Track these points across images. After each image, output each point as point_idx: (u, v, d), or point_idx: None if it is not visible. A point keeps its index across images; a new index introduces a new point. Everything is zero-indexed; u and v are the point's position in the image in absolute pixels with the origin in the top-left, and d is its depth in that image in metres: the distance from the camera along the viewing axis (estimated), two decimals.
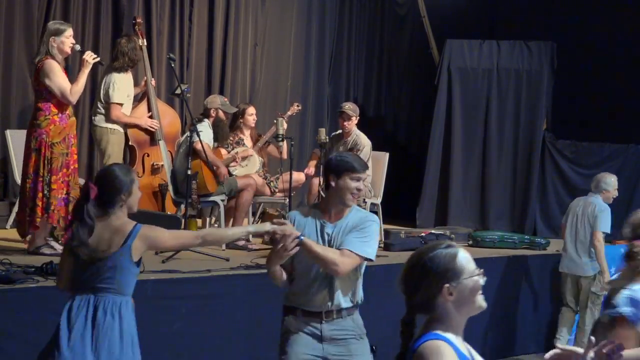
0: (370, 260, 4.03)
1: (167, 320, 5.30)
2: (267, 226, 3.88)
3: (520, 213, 9.95)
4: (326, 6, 10.70)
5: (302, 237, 3.86)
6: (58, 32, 6.05)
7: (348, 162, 4.03)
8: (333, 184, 3.98)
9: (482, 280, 2.53)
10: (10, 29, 7.74)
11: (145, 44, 7.73)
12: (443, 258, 2.50)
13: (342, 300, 4.00)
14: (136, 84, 7.71)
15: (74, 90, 5.99)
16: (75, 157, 6.15)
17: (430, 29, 11.16)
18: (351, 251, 3.94)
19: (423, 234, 8.06)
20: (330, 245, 3.98)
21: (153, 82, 7.68)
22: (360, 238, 3.98)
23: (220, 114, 7.60)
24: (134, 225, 3.82)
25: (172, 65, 7.37)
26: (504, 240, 8.63)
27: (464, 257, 2.53)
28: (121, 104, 7.19)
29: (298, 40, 10.40)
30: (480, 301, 2.53)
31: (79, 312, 3.77)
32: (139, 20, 7.75)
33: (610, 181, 7.55)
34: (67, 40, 6.08)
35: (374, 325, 6.66)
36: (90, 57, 6.19)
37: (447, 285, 2.46)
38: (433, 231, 8.43)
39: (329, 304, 3.97)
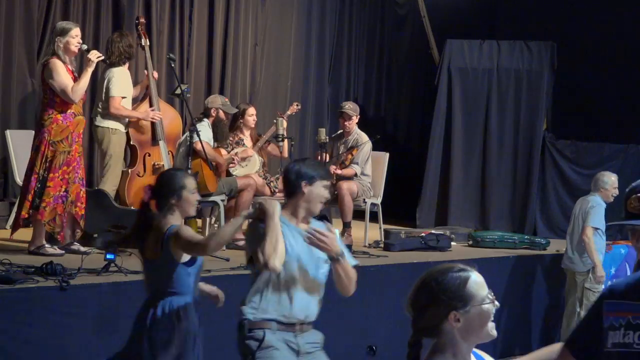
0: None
1: None
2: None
3: (520, 213, 9.95)
4: (326, 6, 10.70)
5: (343, 253, 3.80)
6: (64, 32, 6.06)
7: (320, 169, 3.99)
8: (305, 190, 3.88)
9: (493, 308, 2.41)
10: (10, 29, 7.73)
11: (148, 43, 7.69)
12: (453, 283, 2.36)
13: (314, 311, 3.94)
14: (135, 84, 7.70)
15: (75, 88, 5.97)
16: (77, 155, 6.11)
17: (430, 29, 11.16)
18: (354, 267, 3.93)
19: (423, 234, 8.05)
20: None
21: (155, 74, 7.59)
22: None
23: (221, 114, 7.58)
24: (168, 227, 3.89)
25: (172, 65, 7.34)
26: (504, 240, 8.63)
27: (476, 283, 2.39)
28: (121, 97, 7.07)
29: (298, 41, 10.40)
30: (491, 329, 2.40)
31: (144, 314, 3.91)
32: (141, 20, 7.69)
33: (608, 179, 7.56)
34: (73, 40, 6.07)
35: (373, 325, 6.68)
36: (94, 55, 6.16)
37: (454, 312, 2.34)
38: (433, 231, 8.42)
39: (306, 315, 3.89)
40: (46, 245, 6.00)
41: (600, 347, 2.47)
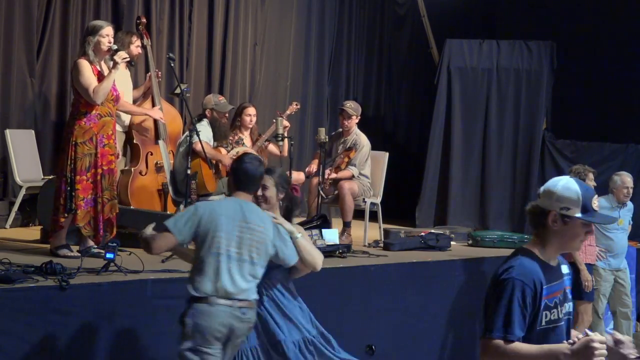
0: None
1: (167, 320, 5.29)
2: None
3: (520, 213, 9.94)
4: (326, 6, 10.71)
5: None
6: (94, 31, 5.83)
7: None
8: None
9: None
10: (10, 29, 7.72)
11: (150, 43, 7.69)
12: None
13: None
14: (136, 86, 7.68)
15: (97, 89, 5.72)
16: (111, 157, 5.91)
17: (430, 29, 11.17)
18: None
19: (423, 234, 8.05)
20: None
21: (159, 74, 7.53)
22: None
23: (216, 113, 7.59)
24: None
25: (172, 65, 7.34)
26: (504, 240, 8.62)
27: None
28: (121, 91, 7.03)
29: (298, 40, 10.41)
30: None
31: None
32: (143, 20, 7.66)
33: (617, 180, 7.60)
34: (104, 39, 5.84)
35: (372, 325, 6.67)
36: (119, 57, 5.88)
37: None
38: (433, 231, 8.43)
39: None
40: (64, 247, 5.91)
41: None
